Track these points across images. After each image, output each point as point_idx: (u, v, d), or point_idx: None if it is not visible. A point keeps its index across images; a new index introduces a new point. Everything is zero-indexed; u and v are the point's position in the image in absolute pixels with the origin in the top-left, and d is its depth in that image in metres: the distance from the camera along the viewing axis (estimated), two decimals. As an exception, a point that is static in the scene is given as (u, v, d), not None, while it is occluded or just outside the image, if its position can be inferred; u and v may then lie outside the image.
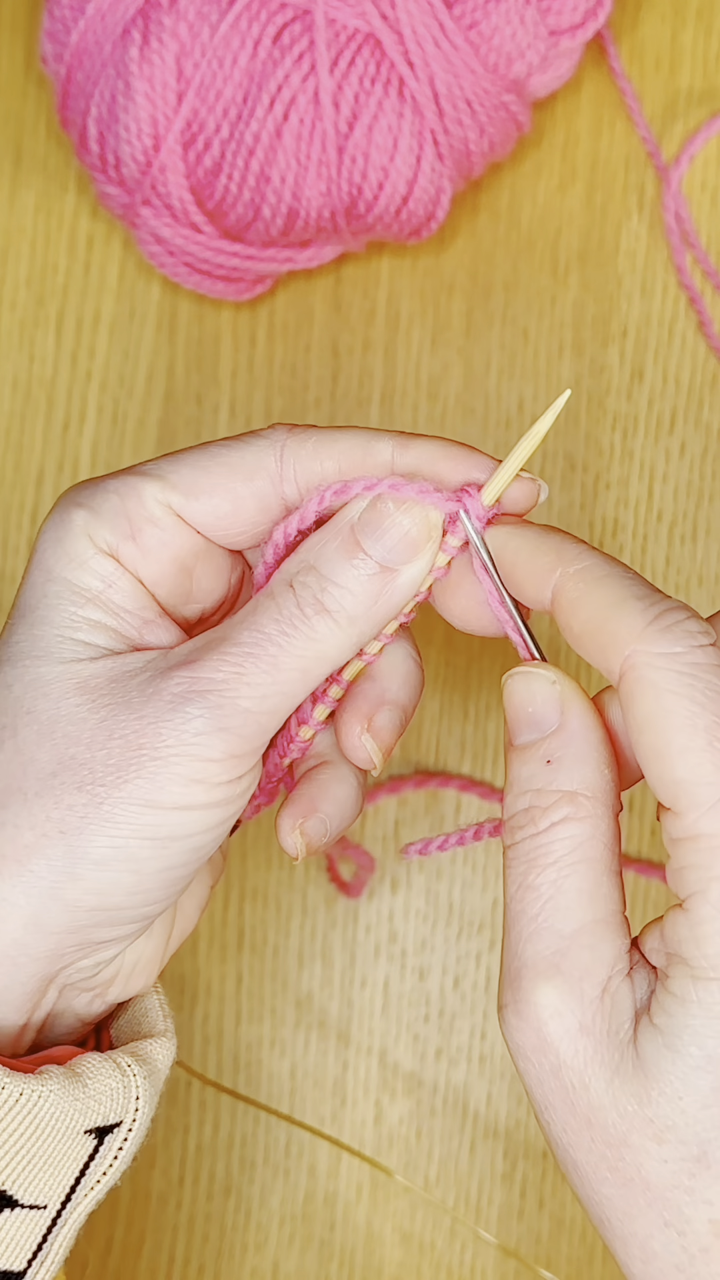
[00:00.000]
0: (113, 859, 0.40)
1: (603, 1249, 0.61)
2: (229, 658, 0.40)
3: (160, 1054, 0.44)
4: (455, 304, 0.63)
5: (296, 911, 0.62)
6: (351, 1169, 0.62)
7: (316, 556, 0.42)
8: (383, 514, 0.41)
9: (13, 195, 0.64)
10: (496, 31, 0.57)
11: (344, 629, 0.41)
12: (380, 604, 0.42)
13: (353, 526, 0.42)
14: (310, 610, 0.41)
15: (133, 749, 0.40)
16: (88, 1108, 0.41)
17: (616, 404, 0.63)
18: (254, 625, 0.41)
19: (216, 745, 0.40)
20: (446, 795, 0.62)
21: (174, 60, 0.56)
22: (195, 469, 0.43)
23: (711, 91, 0.64)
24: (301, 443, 0.43)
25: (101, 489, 0.43)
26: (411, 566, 0.42)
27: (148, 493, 0.43)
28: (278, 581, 0.42)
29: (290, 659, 0.40)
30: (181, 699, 0.40)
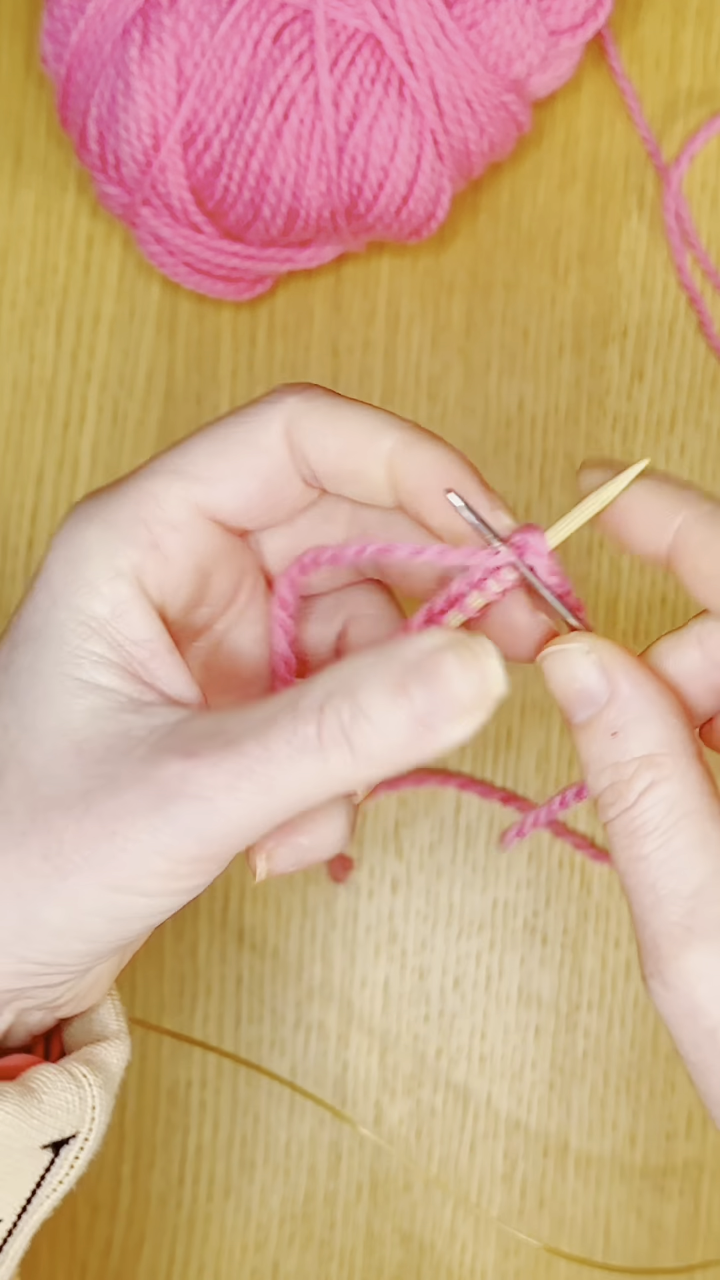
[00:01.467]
0: (67, 931, 0.39)
1: (603, 1249, 0.61)
2: (228, 765, 0.37)
3: (114, 1058, 0.42)
4: (455, 304, 0.63)
5: (296, 912, 0.62)
6: (352, 1169, 0.62)
7: (359, 684, 0.37)
8: (443, 672, 0.36)
9: (13, 195, 0.64)
10: (496, 31, 0.56)
11: (360, 769, 0.37)
12: (406, 754, 0.37)
13: (406, 665, 0.37)
14: (330, 741, 0.37)
15: (107, 833, 0.38)
16: (44, 1124, 0.40)
17: (616, 404, 0.63)
18: (264, 738, 0.37)
19: (192, 849, 0.38)
20: (446, 795, 0.62)
21: (174, 60, 0.56)
22: (210, 455, 0.41)
23: (711, 91, 0.64)
24: (308, 413, 0.41)
25: (115, 498, 0.40)
26: (453, 729, 0.37)
27: (166, 494, 0.40)
28: (308, 696, 0.37)
29: (289, 783, 0.37)
30: (168, 798, 0.37)
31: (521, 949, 0.62)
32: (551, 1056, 0.62)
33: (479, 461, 0.62)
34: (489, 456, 0.62)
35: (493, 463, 0.62)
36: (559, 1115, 0.62)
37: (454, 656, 0.37)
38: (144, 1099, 0.62)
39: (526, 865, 0.62)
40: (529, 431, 0.63)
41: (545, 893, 0.62)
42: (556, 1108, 0.62)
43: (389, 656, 0.37)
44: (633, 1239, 0.62)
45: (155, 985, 0.62)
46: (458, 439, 0.62)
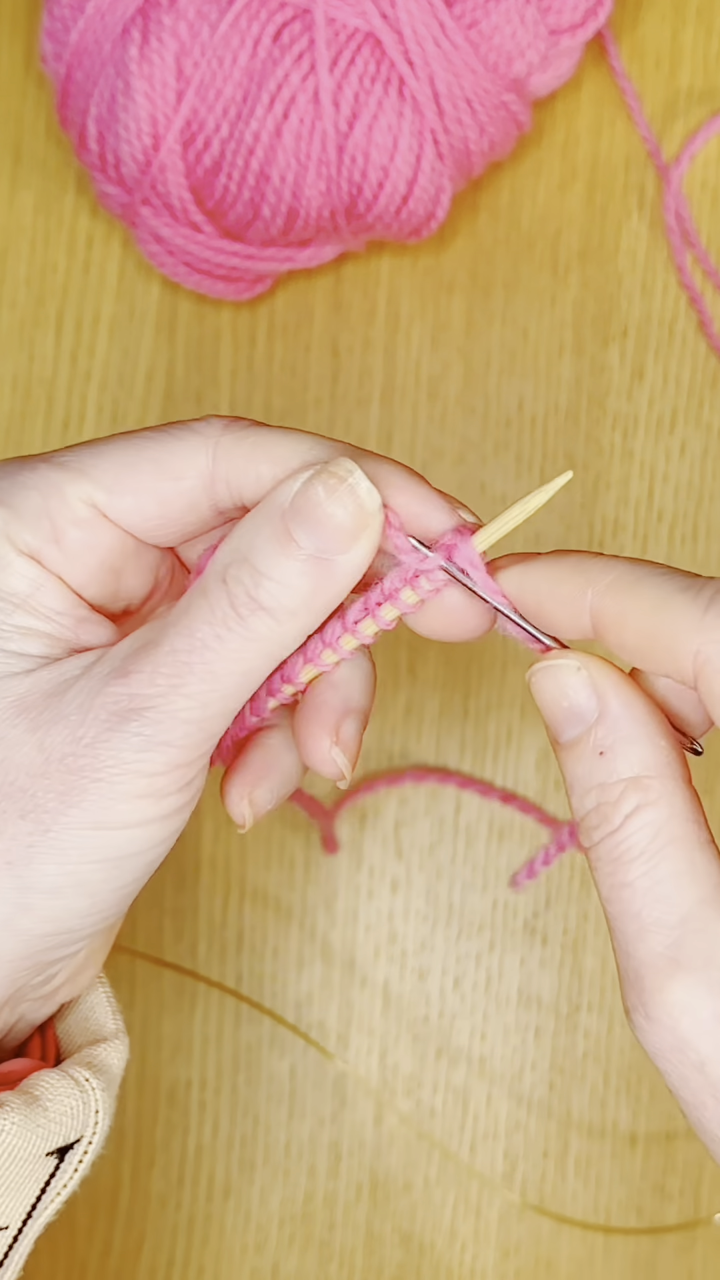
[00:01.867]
0: (65, 886, 0.39)
1: (603, 1250, 0.61)
2: (164, 668, 0.38)
3: (115, 1059, 0.42)
4: (455, 303, 0.63)
5: (296, 912, 0.62)
6: (352, 1169, 0.62)
7: (249, 547, 0.38)
8: (314, 502, 0.38)
9: (12, 195, 0.64)
10: (497, 30, 0.56)
11: (284, 624, 0.38)
12: (319, 595, 0.38)
13: (283, 514, 0.38)
14: (245, 609, 0.38)
15: (74, 772, 0.38)
16: (49, 1131, 0.40)
17: (617, 404, 0.63)
18: (187, 629, 0.38)
19: (160, 759, 0.38)
20: (446, 795, 0.62)
21: (173, 59, 0.56)
22: (120, 465, 0.40)
23: (712, 91, 0.64)
24: (237, 443, 0.40)
25: (19, 484, 0.40)
26: (348, 556, 0.38)
27: (71, 491, 0.40)
28: (211, 576, 0.39)
29: (228, 664, 0.38)
30: (119, 718, 0.38)
31: (521, 950, 0.62)
32: (551, 1057, 0.62)
33: (479, 461, 0.62)
34: (489, 456, 0.62)
35: (493, 463, 0.62)
36: (559, 1115, 0.62)
37: (321, 487, 0.38)
38: (144, 1100, 0.62)
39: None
40: (529, 431, 0.63)
41: (545, 893, 0.62)
42: (556, 1108, 0.62)
43: (265, 511, 0.39)
44: (633, 1239, 0.61)
45: (155, 985, 0.62)
46: (458, 439, 0.62)
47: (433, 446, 0.62)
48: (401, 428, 0.62)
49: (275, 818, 0.62)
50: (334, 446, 0.40)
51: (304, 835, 0.62)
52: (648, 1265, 0.61)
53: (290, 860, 0.62)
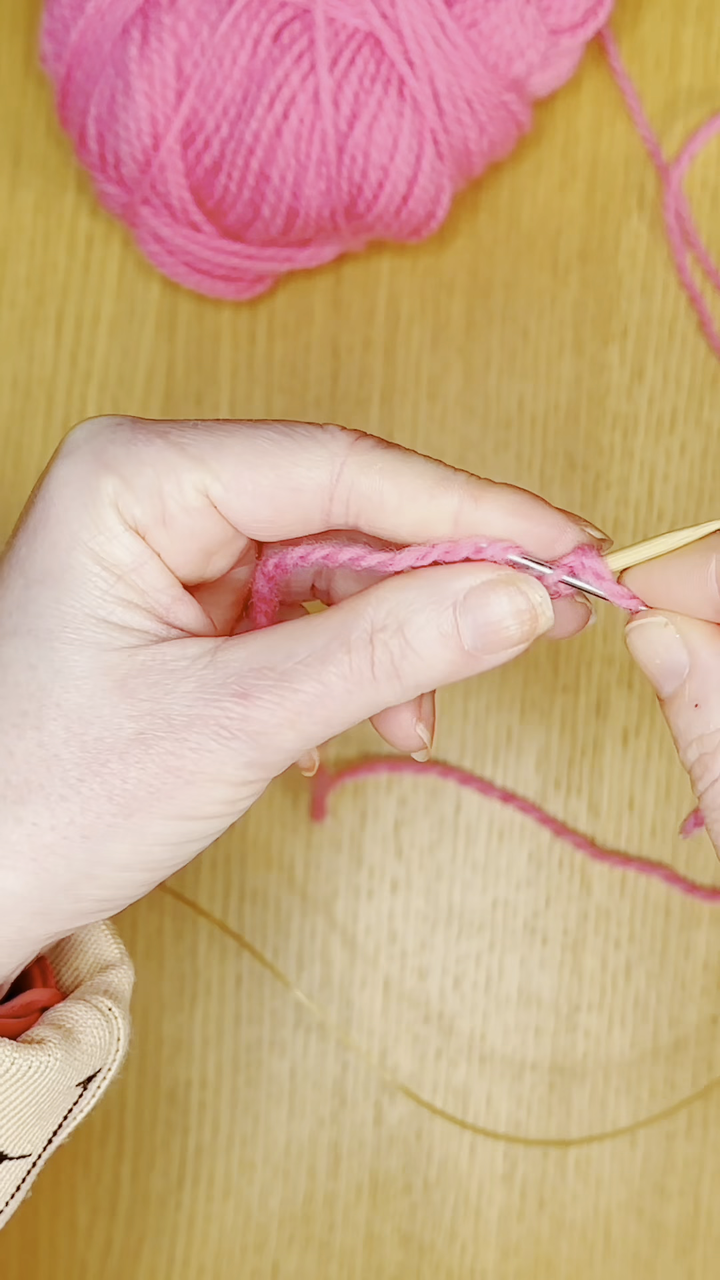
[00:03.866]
0: (132, 863, 0.40)
1: (603, 1249, 0.61)
2: (286, 704, 0.39)
3: (126, 984, 0.44)
4: (455, 303, 0.63)
5: (296, 912, 0.62)
6: (352, 1170, 0.62)
7: (407, 619, 0.39)
8: (495, 614, 0.39)
9: (12, 194, 0.64)
10: (496, 30, 0.56)
11: (407, 693, 0.39)
12: (451, 678, 0.40)
13: (456, 605, 0.39)
14: (383, 674, 0.39)
15: (170, 770, 0.39)
16: (82, 1064, 0.41)
17: (617, 404, 0.63)
18: (321, 677, 0.39)
19: (252, 775, 0.39)
20: (446, 795, 0.62)
21: (173, 59, 0.56)
22: (242, 463, 0.40)
23: (712, 90, 0.64)
24: (364, 469, 0.40)
25: (135, 457, 0.39)
26: (496, 658, 0.39)
27: (187, 477, 0.39)
28: (358, 630, 0.39)
29: (346, 714, 0.39)
30: (229, 734, 0.39)
31: (521, 949, 0.62)
32: (551, 1057, 0.62)
33: (479, 461, 0.62)
34: (489, 456, 0.62)
35: (493, 463, 0.62)
36: (559, 1115, 0.62)
37: (508, 602, 0.39)
38: (144, 1100, 0.62)
39: (526, 865, 0.62)
40: (529, 431, 0.63)
41: (545, 893, 0.62)
42: (556, 1108, 0.62)
43: (437, 591, 0.39)
44: (633, 1239, 0.62)
45: (155, 985, 0.62)
46: (458, 439, 0.62)
47: (433, 446, 0.62)
48: (401, 428, 0.62)
49: (275, 818, 0.62)
50: (458, 481, 0.40)
51: (304, 836, 0.62)
52: (648, 1265, 0.61)
53: (290, 860, 0.62)
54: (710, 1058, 0.61)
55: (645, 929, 0.62)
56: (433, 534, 0.40)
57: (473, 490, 0.40)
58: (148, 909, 0.62)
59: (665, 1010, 0.62)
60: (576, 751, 0.62)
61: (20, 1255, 0.62)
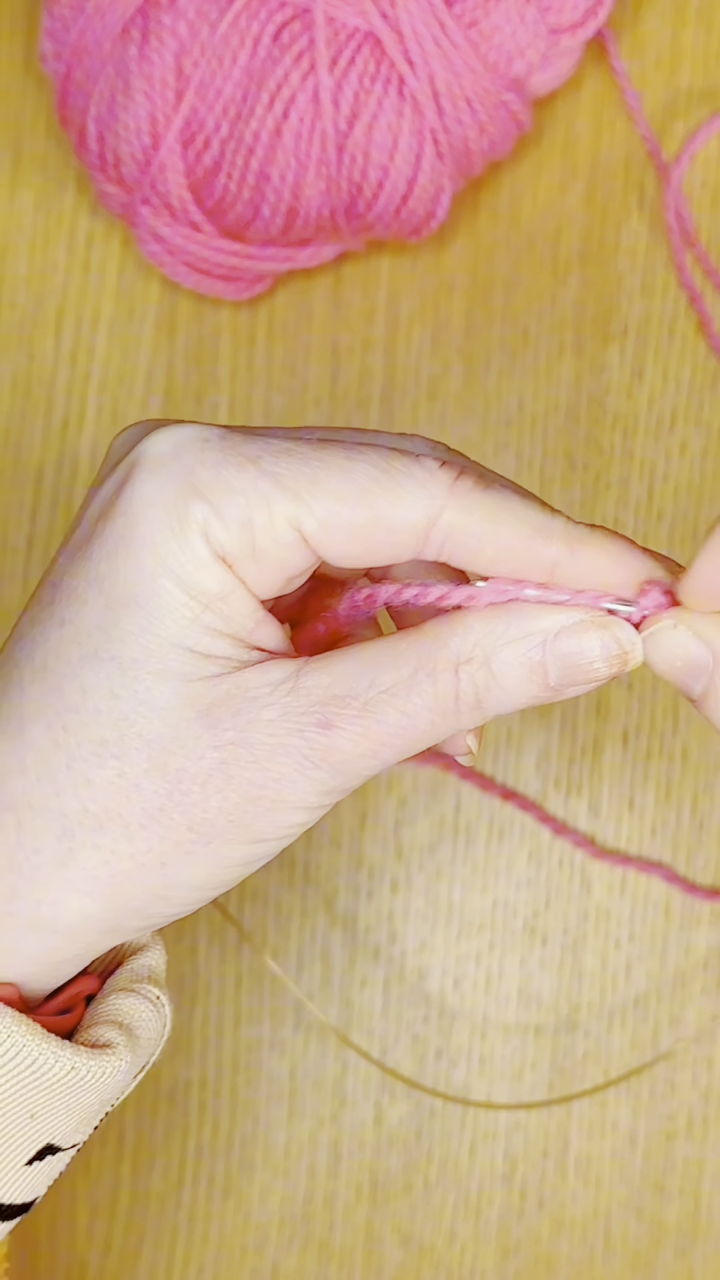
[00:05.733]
0: (206, 884, 0.40)
1: (603, 1249, 0.61)
2: (370, 734, 0.38)
3: (163, 964, 0.44)
4: (455, 303, 0.63)
5: (296, 913, 0.62)
6: (351, 1170, 0.62)
7: (493, 652, 0.38)
8: (586, 657, 0.38)
9: (12, 194, 0.64)
10: (496, 30, 0.56)
11: (485, 720, 0.39)
12: (528, 706, 0.39)
13: (546, 643, 0.38)
14: (466, 705, 0.38)
15: (251, 800, 0.38)
16: (141, 1059, 0.42)
17: (617, 403, 0.63)
18: (406, 709, 0.38)
19: (329, 800, 0.39)
20: (446, 795, 0.62)
21: (173, 59, 0.56)
22: (339, 502, 0.38)
23: (712, 90, 0.64)
24: (464, 513, 0.38)
25: (226, 485, 0.38)
26: (576, 690, 0.39)
27: (279, 510, 0.38)
28: (444, 662, 0.38)
29: (426, 742, 0.39)
30: (311, 764, 0.38)
31: (521, 949, 0.62)
32: (551, 1057, 0.62)
33: (479, 461, 0.62)
34: (489, 456, 0.62)
35: (493, 463, 0.62)
36: (559, 1115, 0.62)
37: (597, 639, 0.38)
38: (144, 1100, 0.62)
39: (526, 865, 0.62)
40: (529, 431, 0.63)
41: (545, 893, 0.62)
42: (556, 1108, 0.62)
43: (526, 627, 0.38)
44: (633, 1239, 0.62)
45: (155, 985, 0.62)
46: (458, 439, 0.62)
47: (433, 446, 0.62)
48: (401, 428, 0.62)
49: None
50: (557, 524, 0.39)
51: (304, 836, 0.62)
52: (648, 1265, 0.61)
53: (290, 860, 0.62)
54: (710, 1058, 0.61)
55: (645, 929, 0.62)
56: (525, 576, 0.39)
57: (570, 541, 0.39)
58: (148, 909, 0.62)
59: (665, 1010, 0.62)
60: (576, 751, 0.62)
61: (20, 1255, 0.62)
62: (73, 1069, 0.39)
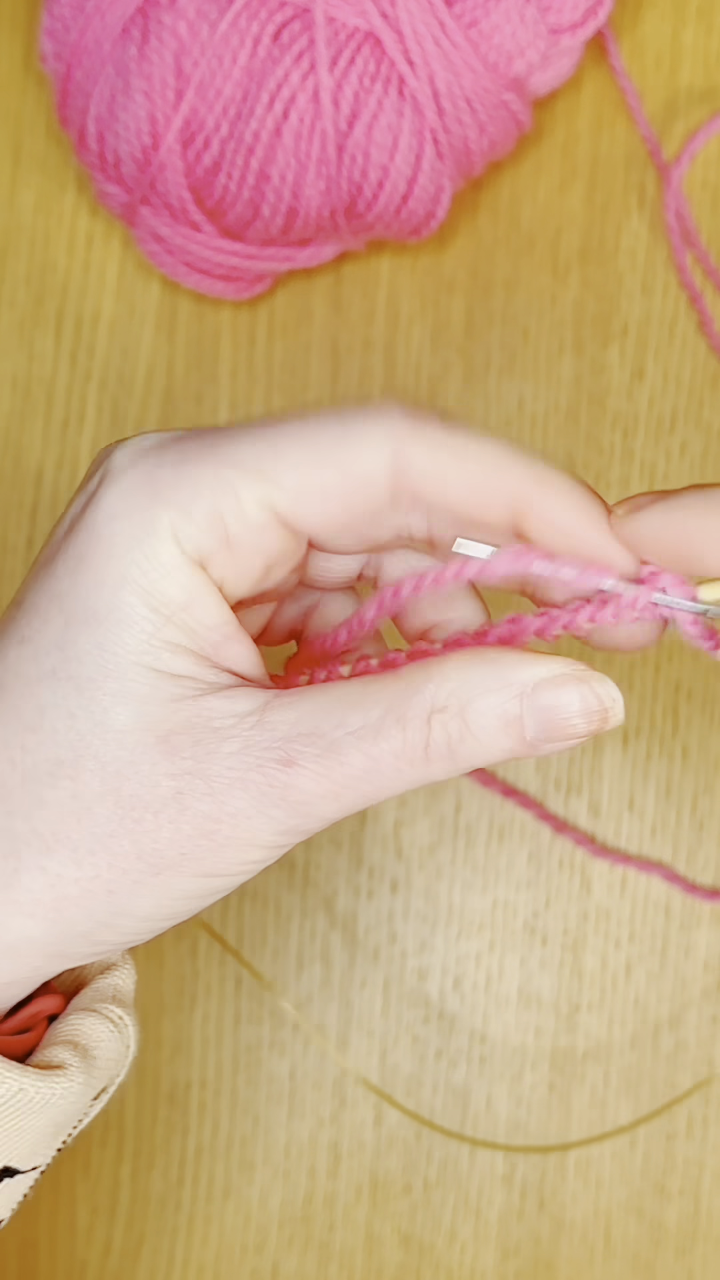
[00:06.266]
0: (153, 915, 0.39)
1: (604, 1249, 0.61)
2: (331, 776, 0.37)
3: (131, 984, 0.43)
4: (455, 303, 0.63)
5: (296, 913, 0.62)
6: (351, 1170, 0.62)
7: (468, 703, 0.37)
8: (565, 714, 0.37)
9: (12, 194, 0.64)
10: (496, 30, 0.56)
11: (457, 772, 0.38)
12: (500, 762, 0.38)
13: (524, 694, 0.37)
14: (436, 756, 0.37)
15: (204, 834, 0.37)
16: (98, 1081, 0.41)
17: (617, 403, 0.63)
18: (371, 753, 0.37)
19: (286, 840, 0.38)
20: (446, 795, 0.62)
21: (173, 58, 0.56)
22: (304, 466, 0.37)
23: (712, 90, 0.64)
24: (427, 445, 0.37)
25: (189, 481, 0.37)
26: (554, 747, 0.38)
27: (246, 494, 0.37)
28: (415, 710, 0.37)
29: (392, 791, 0.37)
30: (269, 803, 0.37)
31: (521, 949, 0.62)
32: (551, 1057, 0.62)
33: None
34: (489, 456, 0.62)
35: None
36: (559, 1116, 0.62)
37: (576, 695, 0.37)
38: (143, 1100, 0.62)
39: (526, 865, 0.62)
40: (529, 431, 0.63)
41: (545, 893, 0.62)
42: (556, 1108, 0.62)
43: (504, 678, 0.37)
44: (633, 1239, 0.62)
45: (155, 985, 0.62)
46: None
47: (433, 446, 0.62)
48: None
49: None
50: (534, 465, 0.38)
51: (304, 835, 0.62)
52: (648, 1265, 0.61)
53: (290, 860, 0.62)
54: (710, 1058, 0.61)
55: (645, 929, 0.62)
56: (491, 518, 0.38)
57: (535, 477, 0.38)
58: (147, 909, 0.62)
59: (665, 1010, 0.62)
60: (576, 751, 0.62)
61: (20, 1255, 0.62)
62: (20, 1090, 0.38)
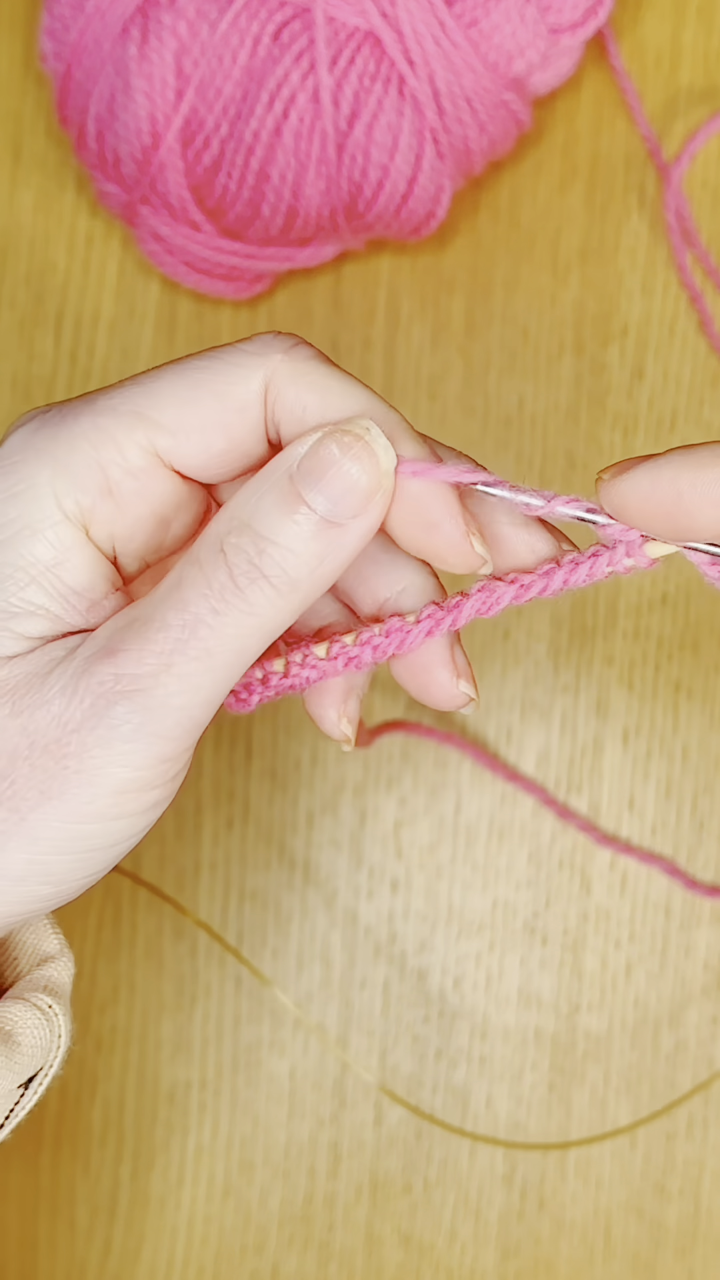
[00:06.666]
0: (30, 874, 0.37)
1: (604, 1249, 0.61)
2: (154, 645, 0.35)
3: (66, 977, 0.41)
4: (455, 302, 0.63)
5: (296, 913, 0.62)
6: (351, 1170, 0.62)
7: (251, 512, 0.36)
8: (328, 460, 0.36)
9: (12, 193, 0.64)
10: (496, 29, 0.56)
11: (285, 597, 0.36)
12: (326, 563, 0.36)
13: (292, 475, 0.36)
14: (245, 580, 0.36)
15: (57, 761, 0.36)
16: (23, 1067, 0.39)
17: (617, 403, 0.63)
18: (180, 604, 0.36)
19: (148, 752, 0.36)
20: (446, 795, 0.62)
21: (173, 58, 0.56)
22: (180, 403, 0.37)
23: (712, 89, 0.64)
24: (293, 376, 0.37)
25: (70, 436, 0.37)
26: (361, 520, 0.36)
27: (125, 438, 0.37)
28: (205, 546, 0.36)
29: (224, 641, 0.36)
30: (106, 701, 0.36)
31: (521, 950, 0.62)
32: (551, 1057, 0.62)
33: (479, 461, 0.62)
34: (489, 456, 0.62)
35: (493, 462, 0.62)
36: (559, 1116, 0.62)
37: (335, 445, 0.36)
38: (143, 1101, 0.62)
39: (526, 865, 0.62)
40: (529, 431, 0.63)
41: (545, 893, 0.62)
42: (556, 1108, 0.62)
43: (271, 474, 0.36)
44: (633, 1239, 0.61)
45: (155, 985, 0.62)
46: (458, 438, 0.62)
47: (433, 446, 0.62)
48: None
49: (275, 818, 0.62)
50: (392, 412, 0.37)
51: (304, 836, 0.62)
52: (648, 1265, 0.61)
53: (290, 860, 0.62)
54: (710, 1058, 0.61)
55: (645, 929, 0.62)
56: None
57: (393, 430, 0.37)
58: (146, 910, 0.62)
59: (665, 1010, 0.62)
60: (576, 751, 0.62)
61: (20, 1255, 0.62)
62: None
